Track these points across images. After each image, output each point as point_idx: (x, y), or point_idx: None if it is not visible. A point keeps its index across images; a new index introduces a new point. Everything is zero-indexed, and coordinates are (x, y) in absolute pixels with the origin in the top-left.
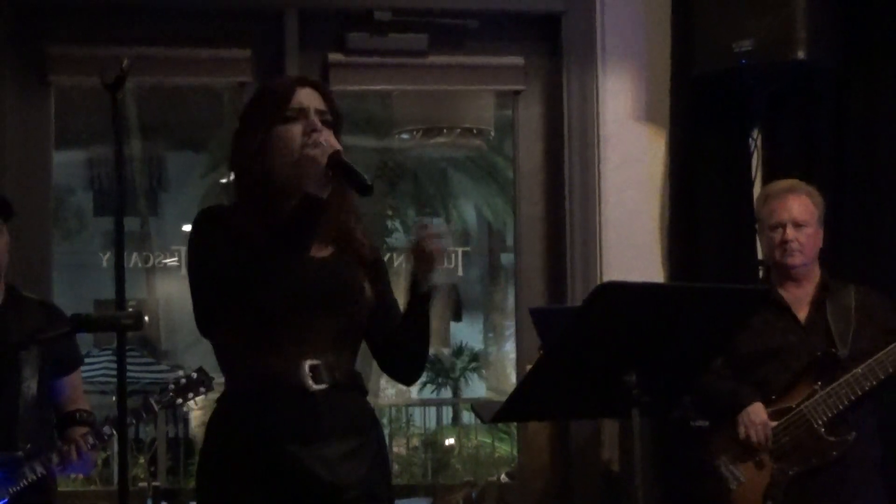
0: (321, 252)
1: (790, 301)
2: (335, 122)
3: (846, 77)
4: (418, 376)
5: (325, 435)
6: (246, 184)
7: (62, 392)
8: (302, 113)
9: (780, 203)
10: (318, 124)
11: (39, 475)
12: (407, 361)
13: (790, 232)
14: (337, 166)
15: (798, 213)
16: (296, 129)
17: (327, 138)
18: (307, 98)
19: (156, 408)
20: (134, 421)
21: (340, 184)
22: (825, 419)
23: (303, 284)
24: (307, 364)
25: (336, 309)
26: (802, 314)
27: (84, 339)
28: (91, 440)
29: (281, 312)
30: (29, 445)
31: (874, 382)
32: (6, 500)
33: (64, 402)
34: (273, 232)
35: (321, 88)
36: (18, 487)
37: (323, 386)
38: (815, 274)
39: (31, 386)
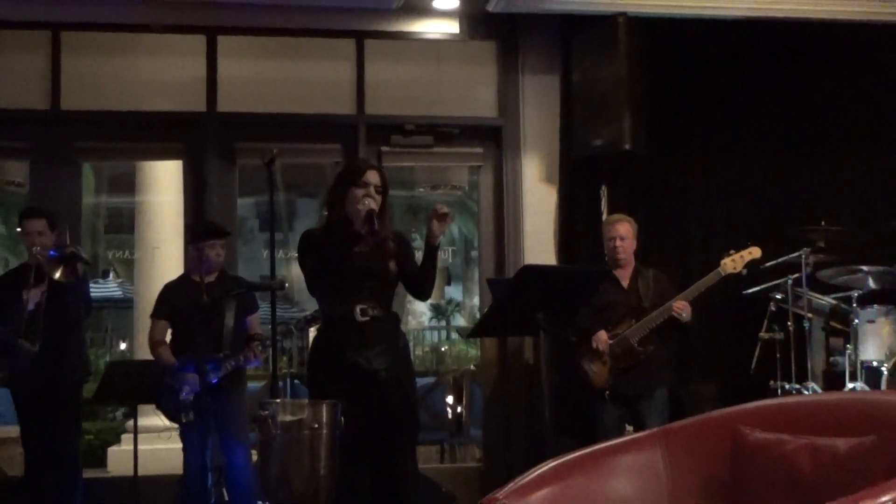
0: (363, 248)
1: (619, 277)
2: (384, 189)
3: (652, 157)
4: (430, 294)
5: (367, 344)
6: (331, 215)
7: (247, 324)
8: (366, 184)
9: (612, 227)
10: (372, 192)
11: (234, 367)
12: (424, 284)
13: (617, 242)
14: (367, 217)
15: (621, 232)
16: (360, 192)
17: (369, 202)
18: (372, 176)
19: (294, 332)
20: (280, 338)
21: (374, 218)
22: (637, 339)
23: (352, 268)
24: (358, 307)
25: (371, 279)
26: (626, 284)
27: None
28: (261, 349)
29: (342, 282)
30: (228, 351)
31: (661, 320)
32: (217, 379)
33: (249, 329)
34: (339, 240)
35: (380, 171)
36: (222, 373)
37: (367, 318)
38: (633, 263)
39: (230, 320)
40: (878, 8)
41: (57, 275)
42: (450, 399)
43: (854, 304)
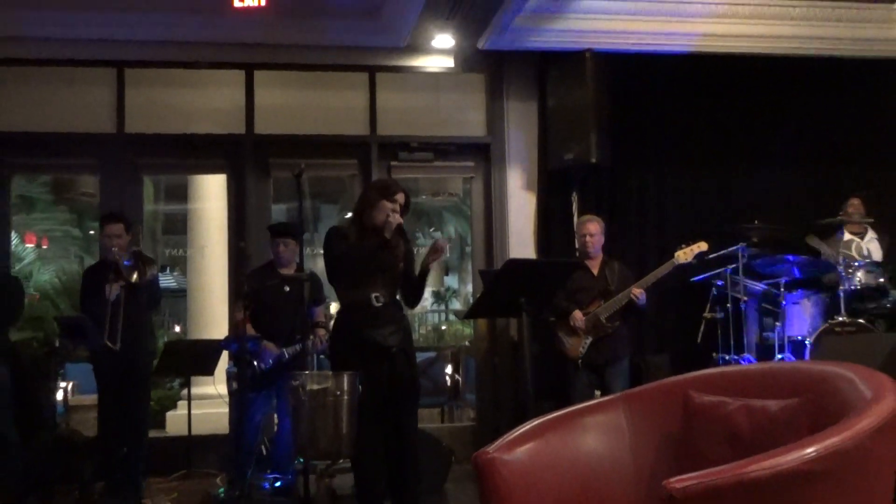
0: (382, 249)
1: (591, 266)
2: (406, 208)
3: (615, 168)
4: (417, 304)
5: (382, 325)
6: (359, 219)
7: (315, 313)
8: (396, 201)
9: (584, 225)
10: (397, 208)
11: (301, 348)
12: (412, 296)
13: (588, 238)
14: (399, 229)
15: (591, 229)
16: (390, 205)
17: (397, 217)
18: (400, 197)
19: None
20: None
21: (399, 232)
22: (606, 317)
23: (373, 263)
24: (373, 294)
25: (385, 273)
26: (596, 272)
27: None
28: (326, 336)
29: (363, 274)
30: (299, 336)
31: (625, 301)
32: (288, 358)
33: (315, 317)
34: (364, 242)
35: (406, 194)
36: (292, 352)
37: (381, 304)
38: (601, 255)
39: (301, 310)
40: (798, 44)
41: (133, 278)
42: (448, 369)
43: (782, 289)
